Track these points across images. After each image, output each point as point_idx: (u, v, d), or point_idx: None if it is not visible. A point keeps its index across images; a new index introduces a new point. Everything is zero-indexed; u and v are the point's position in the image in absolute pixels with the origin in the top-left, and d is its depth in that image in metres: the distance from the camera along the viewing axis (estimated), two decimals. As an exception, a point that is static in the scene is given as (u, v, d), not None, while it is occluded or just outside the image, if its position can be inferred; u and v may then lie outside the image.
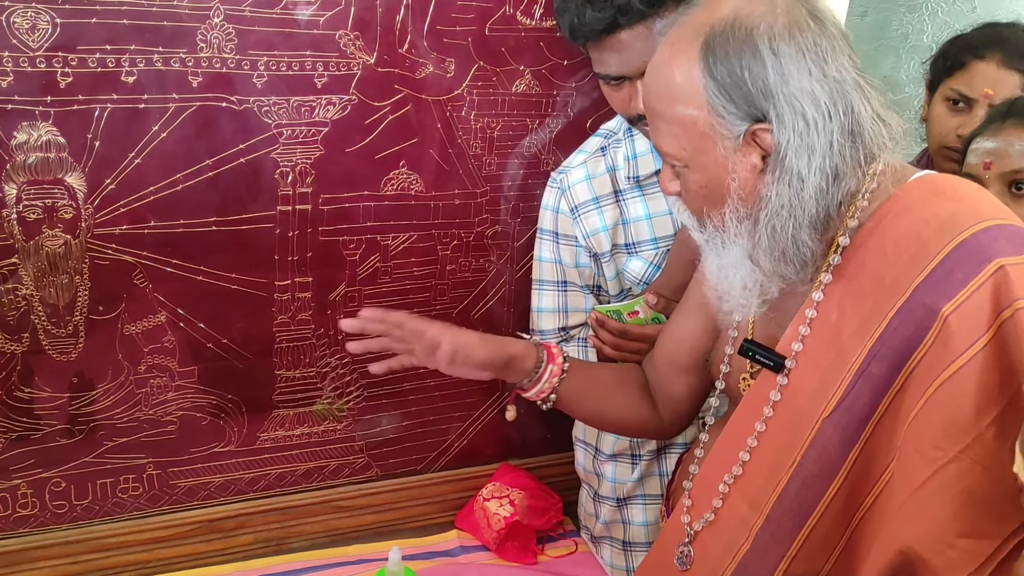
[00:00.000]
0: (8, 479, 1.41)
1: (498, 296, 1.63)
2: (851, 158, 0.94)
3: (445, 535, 1.65)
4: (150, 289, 1.39)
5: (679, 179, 1.01)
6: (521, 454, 1.75)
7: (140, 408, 1.45)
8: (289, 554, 1.58)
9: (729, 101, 0.92)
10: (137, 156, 1.31)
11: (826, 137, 0.92)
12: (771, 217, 0.94)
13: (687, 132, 0.96)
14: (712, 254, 1.03)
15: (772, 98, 0.91)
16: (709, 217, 1.00)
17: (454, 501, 1.70)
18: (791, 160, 0.92)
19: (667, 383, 1.24)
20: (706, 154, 0.96)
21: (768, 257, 0.97)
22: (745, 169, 0.95)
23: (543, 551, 1.61)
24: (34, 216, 1.29)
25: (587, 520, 1.60)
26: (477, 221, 1.57)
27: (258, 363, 1.50)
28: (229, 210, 1.40)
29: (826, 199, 0.94)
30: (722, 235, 1.00)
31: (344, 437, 1.61)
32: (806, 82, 0.91)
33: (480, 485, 1.67)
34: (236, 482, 1.56)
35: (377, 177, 1.47)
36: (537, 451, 1.76)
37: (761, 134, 0.93)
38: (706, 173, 0.97)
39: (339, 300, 1.52)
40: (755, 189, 0.95)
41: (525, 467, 1.72)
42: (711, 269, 1.05)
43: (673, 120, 0.96)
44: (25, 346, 1.35)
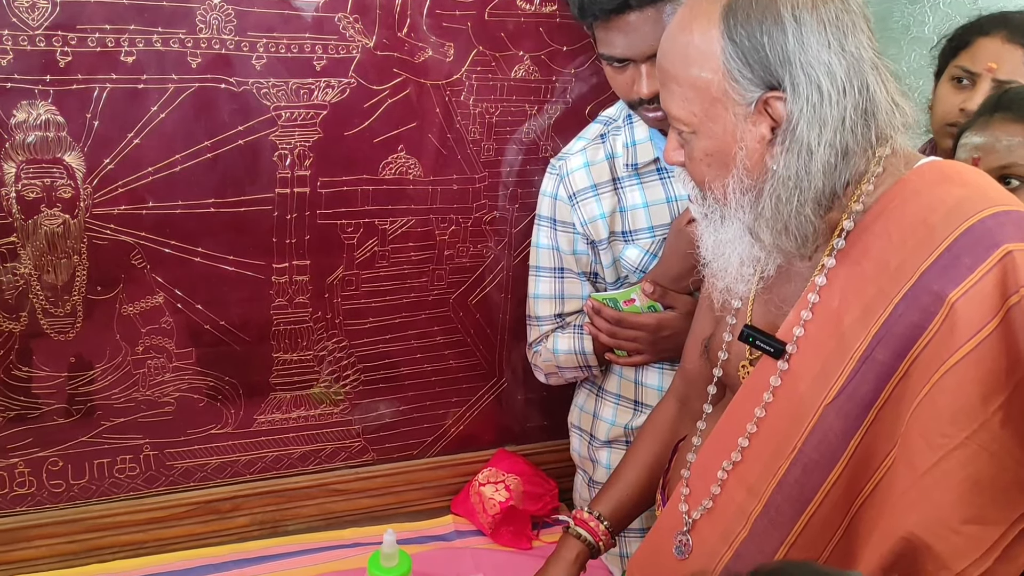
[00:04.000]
0: (6, 458, 1.41)
1: (496, 282, 1.64)
2: (862, 137, 0.93)
3: (441, 520, 1.65)
4: (148, 270, 1.39)
5: (685, 147, 1.01)
6: (518, 440, 1.76)
7: (138, 389, 1.45)
8: (285, 536, 1.58)
9: (745, 66, 0.92)
10: (136, 136, 1.31)
11: (839, 112, 0.91)
12: (776, 188, 0.94)
13: (699, 96, 0.95)
14: (710, 229, 1.03)
15: (789, 66, 0.91)
16: (711, 188, 0.99)
17: (450, 486, 1.70)
18: (802, 131, 0.92)
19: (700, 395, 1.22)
20: (715, 120, 0.95)
21: (770, 230, 0.96)
22: (753, 139, 0.94)
23: (538, 536, 1.61)
24: (33, 195, 1.29)
25: (582, 506, 1.60)
26: (475, 207, 1.57)
27: (255, 346, 1.51)
28: (227, 192, 1.40)
29: (833, 176, 0.93)
30: (722, 208, 0.99)
31: (341, 421, 1.61)
32: (824, 54, 0.91)
33: (476, 471, 1.68)
34: (232, 464, 1.56)
35: (376, 161, 1.47)
36: (534, 437, 1.77)
37: (773, 103, 0.92)
38: (713, 140, 0.97)
39: (337, 284, 1.52)
40: (761, 161, 0.95)
41: (521, 453, 1.72)
42: (707, 245, 1.04)
43: (686, 83, 0.96)
44: (23, 325, 1.35)
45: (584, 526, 1.27)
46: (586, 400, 1.56)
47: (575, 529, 1.27)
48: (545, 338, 1.50)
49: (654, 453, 1.30)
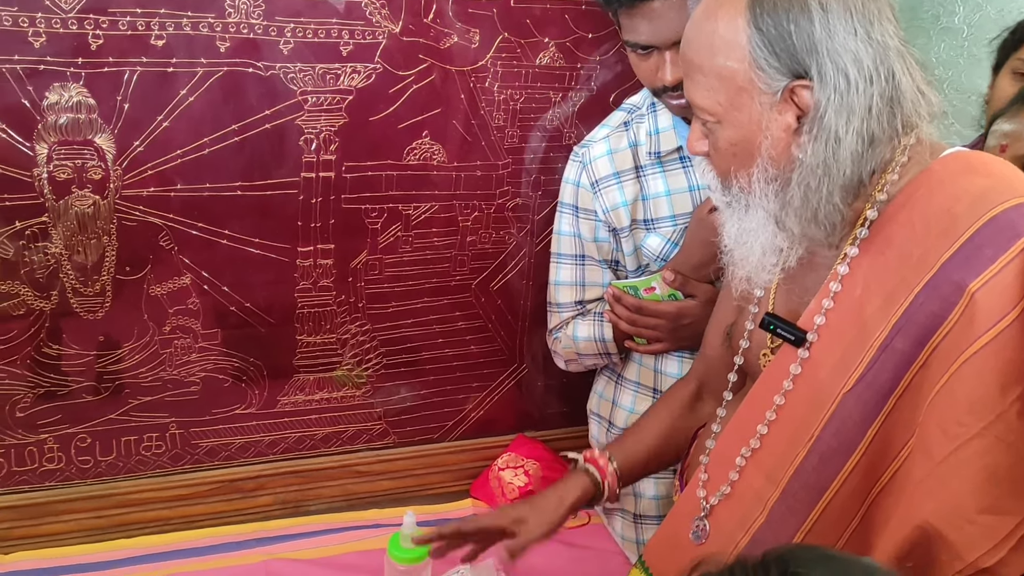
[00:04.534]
0: (35, 434, 1.44)
1: (517, 268, 1.65)
2: (888, 125, 0.93)
3: (460, 503, 1.67)
4: (176, 251, 1.42)
5: (708, 137, 1.01)
6: (537, 426, 1.77)
7: (164, 368, 1.48)
8: (307, 516, 1.60)
9: (772, 55, 0.92)
10: (165, 119, 1.33)
11: (866, 100, 0.91)
12: (805, 177, 0.94)
13: (724, 85, 0.95)
14: (733, 218, 1.03)
15: (816, 54, 0.91)
16: (736, 178, 1.00)
17: (470, 470, 1.72)
18: (829, 119, 0.91)
19: (721, 378, 1.23)
20: (741, 110, 0.95)
21: (798, 219, 0.96)
22: (779, 128, 0.94)
23: (556, 521, 1.63)
24: (64, 176, 1.31)
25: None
26: (498, 193, 1.58)
27: (280, 328, 1.53)
28: (254, 175, 1.42)
29: (860, 164, 0.93)
30: (747, 197, 1.00)
31: (363, 404, 1.63)
32: (851, 42, 0.91)
33: (496, 455, 1.69)
34: (256, 444, 1.59)
35: (400, 146, 1.48)
36: (553, 424, 1.78)
37: (800, 91, 0.92)
38: (738, 130, 0.97)
39: (360, 268, 1.54)
40: (787, 149, 0.95)
41: (541, 439, 1.74)
42: (730, 234, 1.05)
43: (711, 72, 0.96)
44: (54, 304, 1.38)
45: (593, 463, 1.27)
46: (605, 387, 1.57)
47: (583, 465, 1.28)
48: (565, 325, 1.51)
49: (668, 422, 1.31)
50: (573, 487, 1.25)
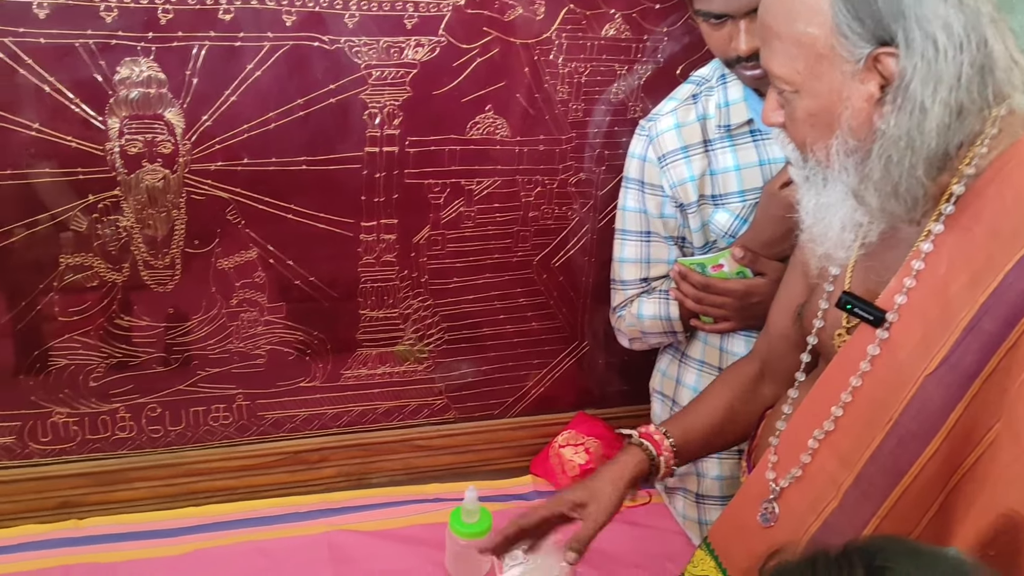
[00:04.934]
0: (108, 403, 1.48)
1: (580, 245, 1.63)
2: (978, 95, 0.88)
3: (520, 479, 1.67)
4: (242, 225, 1.43)
5: (785, 108, 0.98)
6: (597, 404, 1.76)
7: (231, 341, 1.50)
8: (369, 489, 1.62)
9: (856, 20, 0.88)
10: (233, 94, 1.34)
11: (955, 68, 0.87)
12: (887, 149, 0.90)
13: (804, 53, 0.92)
14: (811, 193, 0.99)
15: (903, 19, 0.86)
16: (812, 150, 0.96)
17: (530, 447, 1.72)
18: (915, 88, 0.87)
19: (785, 359, 1.20)
20: (820, 79, 0.92)
21: (878, 193, 0.93)
22: (861, 98, 0.91)
23: (616, 500, 1.62)
24: (135, 150, 1.33)
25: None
26: (561, 168, 1.56)
27: (343, 303, 1.54)
28: (318, 150, 1.42)
29: (946, 136, 0.89)
30: (824, 171, 0.96)
31: (424, 379, 1.64)
32: (941, 7, 0.86)
33: (556, 432, 1.69)
34: (320, 416, 1.61)
35: (463, 121, 1.47)
36: (613, 402, 1.76)
37: (884, 59, 0.88)
38: (817, 100, 0.93)
39: (423, 243, 1.54)
40: (868, 120, 0.91)
41: (601, 417, 1.72)
42: (807, 209, 1.01)
43: (790, 39, 0.92)
44: (125, 276, 1.41)
45: (648, 438, 1.25)
46: (669, 365, 1.54)
47: (638, 440, 1.26)
48: (630, 303, 1.49)
49: (729, 399, 1.28)
50: (629, 464, 1.23)
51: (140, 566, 1.40)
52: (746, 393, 1.27)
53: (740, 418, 1.27)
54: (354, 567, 1.44)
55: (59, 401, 1.45)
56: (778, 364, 1.24)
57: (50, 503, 1.49)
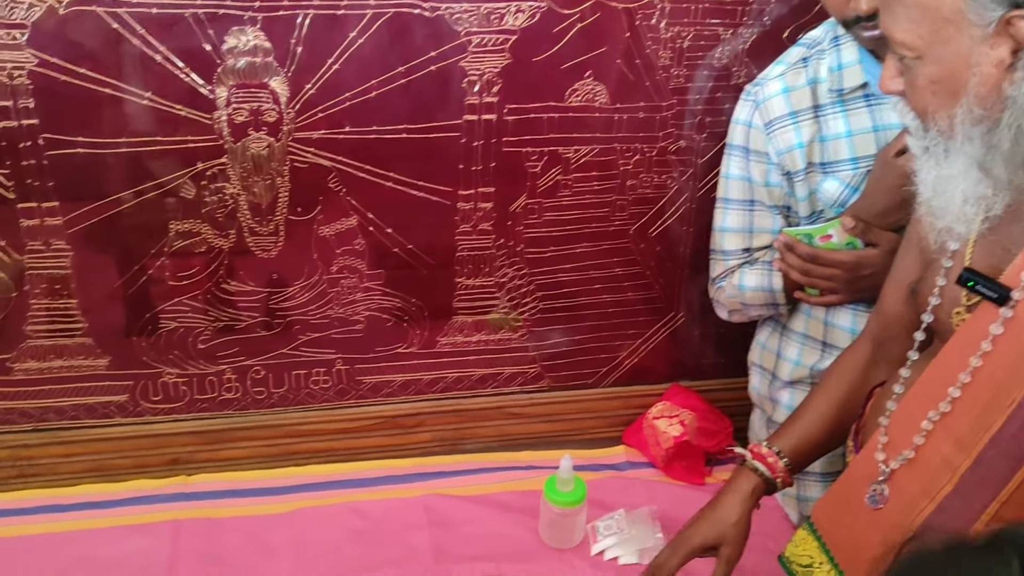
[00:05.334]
0: (215, 364, 1.53)
1: (678, 214, 1.59)
2: None
3: (613, 449, 1.66)
4: (344, 193, 1.45)
5: (905, 75, 0.93)
6: (692, 376, 1.73)
7: (331, 306, 1.53)
8: (463, 454, 1.64)
9: None
10: (335, 62, 1.35)
11: None
12: (1017, 118, 0.85)
13: (928, 17, 0.87)
14: (930, 164, 0.94)
15: None
16: (934, 120, 0.91)
17: (623, 417, 1.71)
18: None
19: (898, 338, 1.16)
20: (946, 44, 0.87)
21: (1006, 165, 0.87)
22: (990, 64, 0.85)
23: (711, 473, 1.60)
24: (241, 119, 1.36)
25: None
26: (661, 135, 1.52)
27: (440, 270, 1.55)
28: (418, 118, 1.42)
29: None
30: (946, 141, 0.91)
31: (519, 347, 1.64)
32: None
33: (649, 404, 1.67)
34: (416, 382, 1.63)
35: (562, 88, 1.45)
36: (708, 374, 1.73)
37: (1017, 22, 0.82)
38: (941, 66, 0.88)
39: (519, 212, 1.53)
40: (997, 87, 0.86)
41: (696, 389, 1.70)
42: (927, 182, 0.96)
43: (913, 2, 0.88)
44: (231, 243, 1.45)
45: (762, 460, 1.23)
46: (769, 338, 1.51)
47: (752, 463, 1.23)
48: (730, 273, 1.45)
49: (842, 395, 1.24)
50: (747, 492, 1.21)
51: (245, 523, 1.46)
52: (858, 382, 1.22)
53: (853, 410, 1.23)
54: (450, 531, 1.46)
55: (169, 362, 1.51)
56: (891, 344, 1.19)
57: (160, 460, 1.56)
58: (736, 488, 1.22)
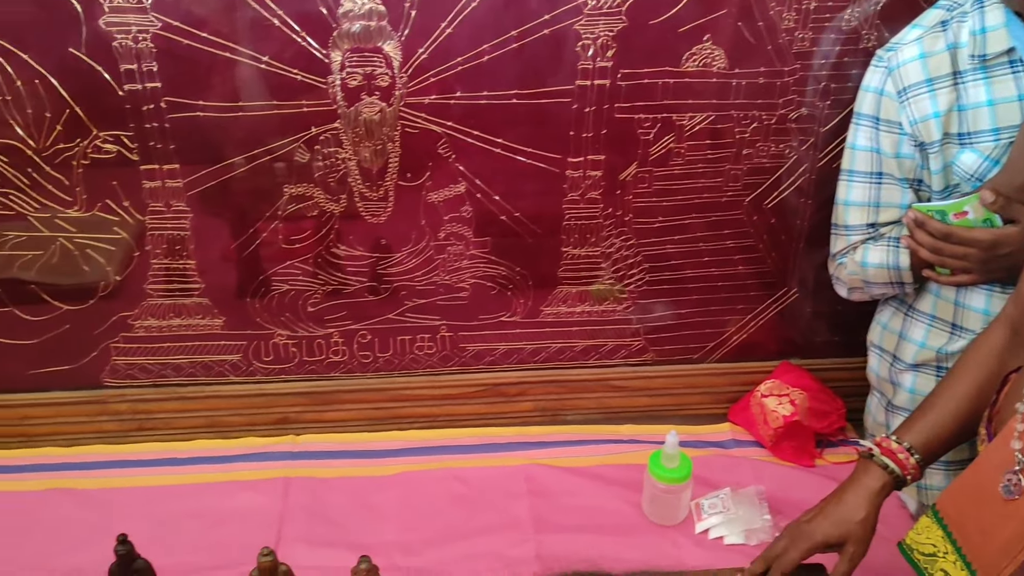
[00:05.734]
0: (323, 327, 1.55)
1: (795, 185, 1.53)
2: None
3: (718, 426, 1.62)
4: (453, 159, 1.44)
5: None
6: (803, 354, 1.67)
7: (437, 273, 1.53)
8: (564, 425, 1.63)
9: None
10: (449, 26, 1.33)
11: None
12: None
13: None
14: None
15: None
16: None
17: (728, 394, 1.66)
18: None
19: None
20: None
21: None
22: None
23: (821, 455, 1.54)
24: (355, 83, 1.36)
25: (875, 430, 1.50)
26: (782, 102, 1.46)
27: (546, 239, 1.53)
28: (529, 83, 1.39)
29: None
30: None
31: (623, 319, 1.61)
32: None
33: (756, 381, 1.62)
34: (519, 351, 1.62)
35: (678, 52, 1.40)
36: (821, 352, 1.67)
37: None
38: None
39: (629, 181, 1.49)
40: None
41: (807, 367, 1.64)
42: None
43: None
44: (342, 207, 1.46)
45: (891, 456, 1.17)
46: (892, 318, 1.43)
47: (880, 458, 1.18)
48: (853, 249, 1.39)
49: (978, 383, 1.17)
50: (874, 489, 1.16)
51: (350, 483, 1.48)
52: (994, 371, 1.14)
53: (987, 399, 1.16)
54: (550, 501, 1.45)
55: (280, 324, 1.54)
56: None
57: (270, 418, 1.60)
58: (863, 484, 1.17)
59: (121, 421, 1.57)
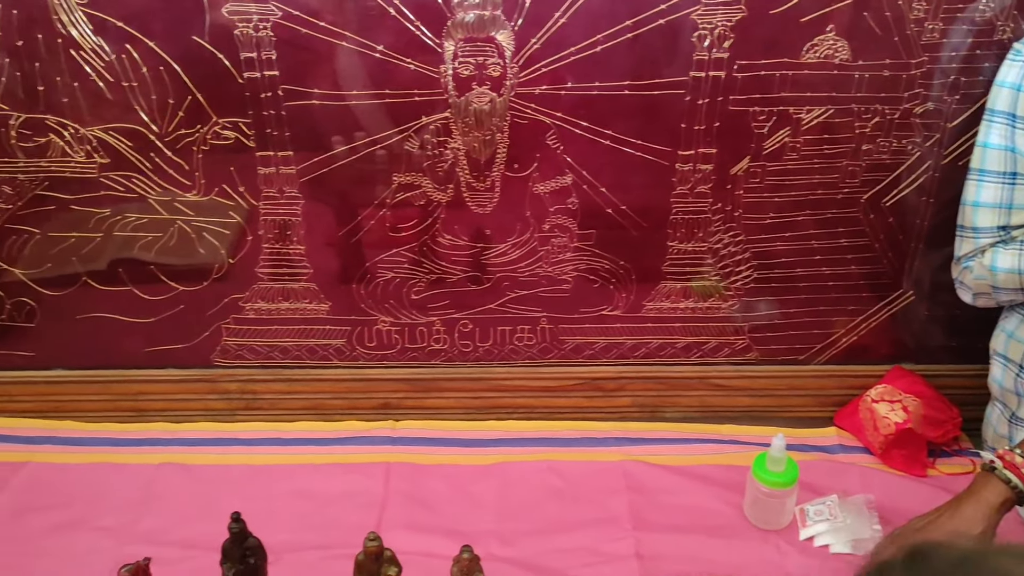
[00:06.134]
0: (426, 315, 1.57)
1: (917, 184, 1.46)
2: None
3: (824, 430, 1.58)
4: (561, 150, 1.42)
5: None
6: (916, 359, 1.60)
7: (540, 265, 1.52)
8: (663, 422, 1.61)
9: None
10: (563, 16, 1.32)
11: None
12: None
13: None
14: None
15: None
16: None
17: (835, 397, 1.61)
18: None
19: None
20: None
21: None
22: None
23: (934, 465, 1.48)
24: (467, 73, 1.36)
25: (996, 442, 1.43)
26: (907, 96, 1.39)
27: (651, 233, 1.50)
28: (642, 74, 1.37)
29: None
30: None
31: (726, 317, 1.58)
32: None
33: (865, 385, 1.57)
34: (619, 346, 1.60)
35: (799, 43, 1.35)
36: (935, 358, 1.60)
37: None
38: None
39: (741, 175, 1.45)
40: None
41: (921, 373, 1.57)
42: None
43: None
44: (449, 196, 1.46)
45: (1015, 471, 1.12)
46: (1019, 327, 1.36)
47: (1003, 472, 1.13)
48: (981, 253, 1.32)
49: None
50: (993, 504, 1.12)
51: (449, 471, 1.49)
52: None
53: None
54: (649, 498, 1.43)
55: (384, 310, 1.56)
56: None
57: (371, 403, 1.62)
58: (982, 498, 1.12)
59: (229, 400, 1.61)
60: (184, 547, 1.33)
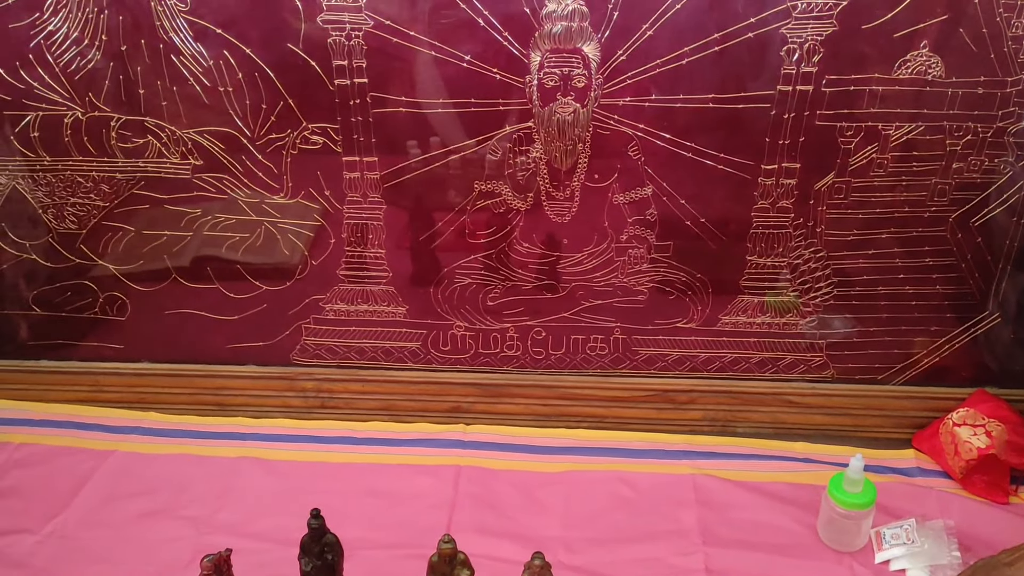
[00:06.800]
0: (500, 322, 1.58)
1: (1008, 204, 1.42)
2: None
3: (901, 452, 1.55)
4: (642, 162, 1.42)
5: None
6: (1000, 383, 1.56)
7: (616, 275, 1.52)
8: (734, 437, 1.59)
9: None
10: (650, 28, 1.32)
11: None
12: None
13: None
14: None
15: None
16: None
17: (913, 419, 1.58)
18: None
19: None
20: None
21: None
22: None
23: (1016, 492, 1.44)
24: (552, 83, 1.37)
25: (1084, 473, 1.39)
26: (1001, 114, 1.36)
27: (730, 246, 1.49)
28: (728, 87, 1.36)
29: None
30: None
31: (804, 333, 1.56)
32: None
33: (946, 408, 1.53)
34: (692, 359, 1.59)
35: (891, 58, 1.33)
36: (1021, 383, 1.55)
37: None
38: None
39: (824, 191, 1.43)
40: None
41: (1005, 398, 1.53)
42: None
43: None
44: (529, 205, 1.47)
45: None
46: (1114, 354, 1.32)
47: None
48: (1076, 276, 1.28)
49: None
50: None
51: (518, 477, 1.50)
52: None
53: None
54: (719, 513, 1.43)
55: (459, 315, 1.58)
56: None
57: (442, 406, 1.64)
58: None
59: (306, 398, 1.65)
60: (260, 539, 1.36)
